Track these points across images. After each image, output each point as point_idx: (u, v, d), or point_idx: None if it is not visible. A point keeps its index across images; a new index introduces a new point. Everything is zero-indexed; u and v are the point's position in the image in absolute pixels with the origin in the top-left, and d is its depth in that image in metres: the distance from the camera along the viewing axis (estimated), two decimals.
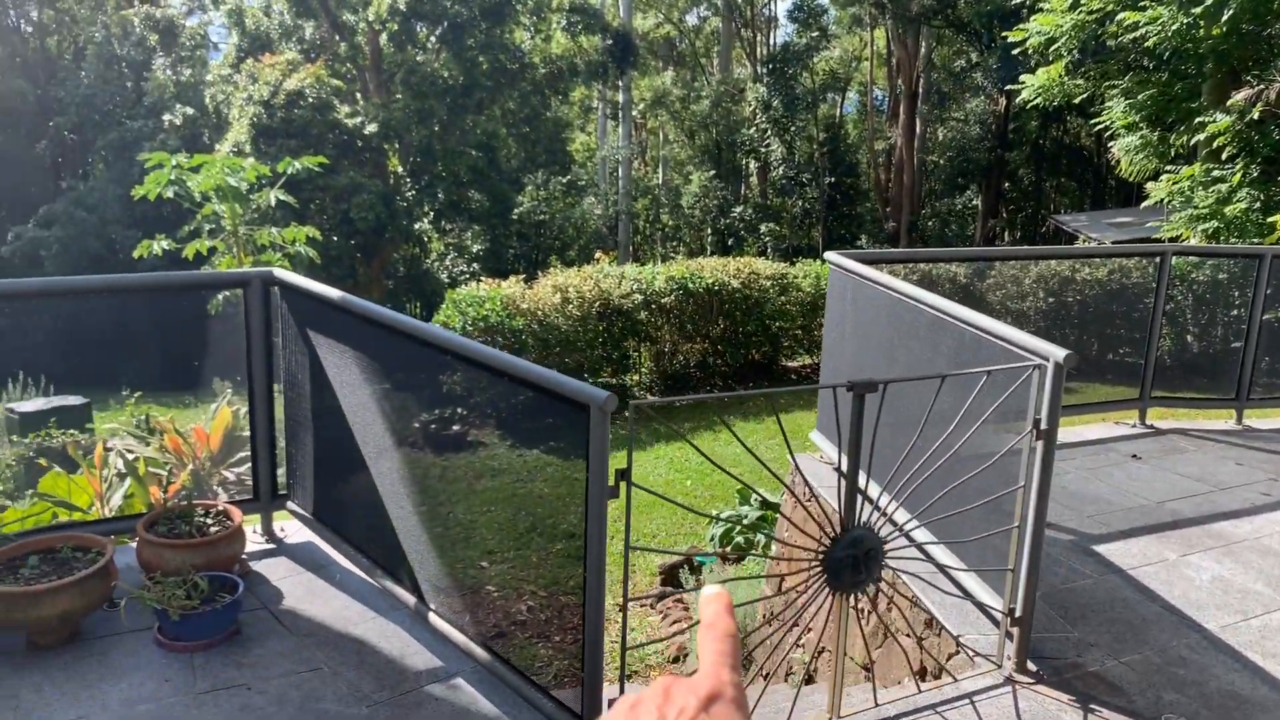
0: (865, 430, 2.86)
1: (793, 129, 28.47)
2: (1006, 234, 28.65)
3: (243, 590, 3.24)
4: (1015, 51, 16.13)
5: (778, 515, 6.72)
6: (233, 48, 23.79)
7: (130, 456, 5.16)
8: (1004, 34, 16.76)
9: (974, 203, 29.67)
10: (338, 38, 24.86)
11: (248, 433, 5.78)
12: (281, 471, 4.05)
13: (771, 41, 35.84)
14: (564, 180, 29.99)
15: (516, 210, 26.30)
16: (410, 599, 3.28)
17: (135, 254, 16.15)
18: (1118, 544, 4.20)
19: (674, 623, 7.22)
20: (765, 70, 30.13)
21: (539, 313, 12.36)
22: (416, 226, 25.70)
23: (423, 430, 3.05)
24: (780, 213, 30.00)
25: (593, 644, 2.53)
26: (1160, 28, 12.11)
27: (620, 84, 28.85)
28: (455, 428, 2.97)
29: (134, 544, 3.58)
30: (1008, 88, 18.41)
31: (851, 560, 2.75)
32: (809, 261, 16.80)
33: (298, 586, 3.58)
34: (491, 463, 2.88)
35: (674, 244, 33.45)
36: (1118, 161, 15.65)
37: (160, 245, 15.41)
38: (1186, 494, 4.78)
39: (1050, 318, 9.63)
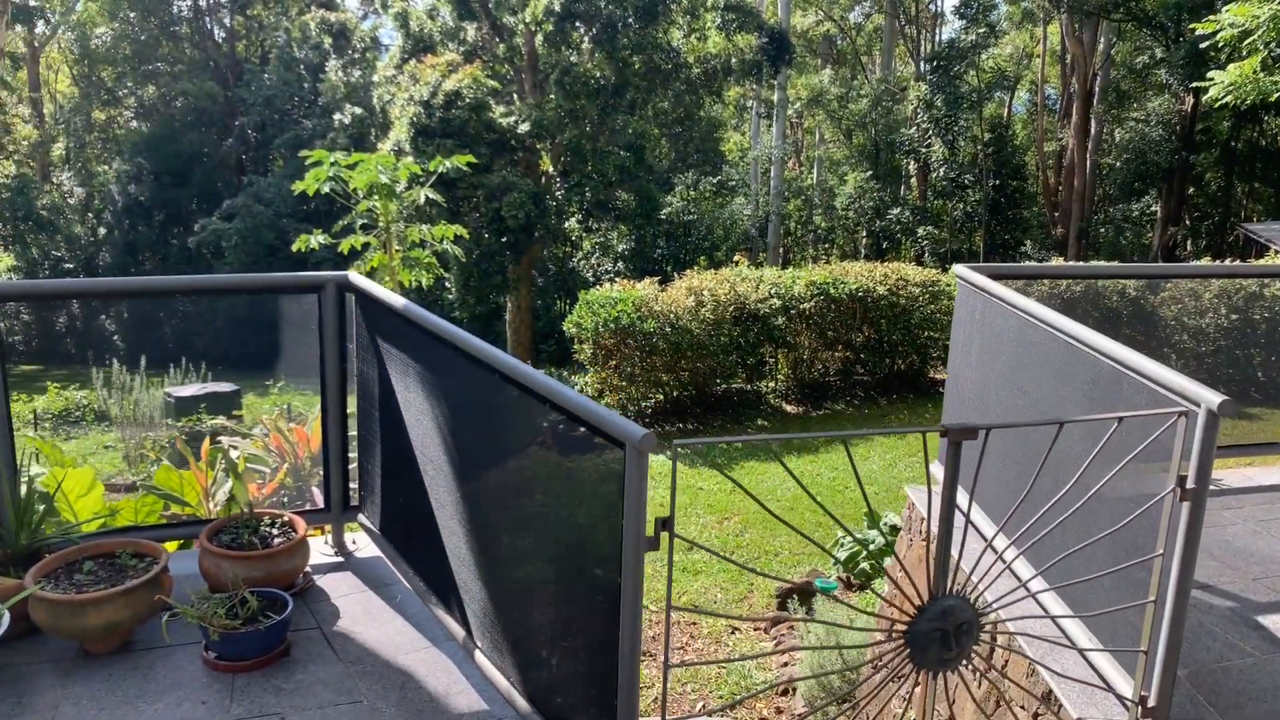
0: (967, 481, 2.45)
1: (955, 129, 27.19)
2: (1190, 243, 26.51)
3: (291, 610, 3.10)
4: (1204, 45, 14.82)
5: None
6: (397, 49, 24.61)
7: (235, 454, 5.19)
8: (1192, 27, 15.41)
9: (1152, 209, 27.62)
10: (497, 39, 25.36)
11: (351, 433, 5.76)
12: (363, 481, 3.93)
13: (936, 38, 34.48)
14: (714, 180, 29.70)
15: (665, 210, 26.16)
16: (460, 632, 3.07)
17: (294, 248, 16.87)
18: None
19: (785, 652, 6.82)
20: (928, 68, 28.95)
21: (671, 315, 12.10)
22: (566, 225, 25.97)
23: (475, 452, 2.83)
24: (940, 216, 28.74)
25: (627, 706, 2.24)
26: None
27: (775, 83, 28.29)
28: (505, 453, 2.73)
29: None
30: (1193, 85, 16.87)
31: (940, 635, 2.35)
32: None
33: (356, 606, 3.43)
34: (539, 497, 2.63)
35: (826, 246, 32.60)
36: None
37: (316, 240, 16.03)
38: None
39: (1233, 337, 8.69)
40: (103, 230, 40.00)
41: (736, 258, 14.92)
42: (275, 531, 3.49)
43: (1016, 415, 3.68)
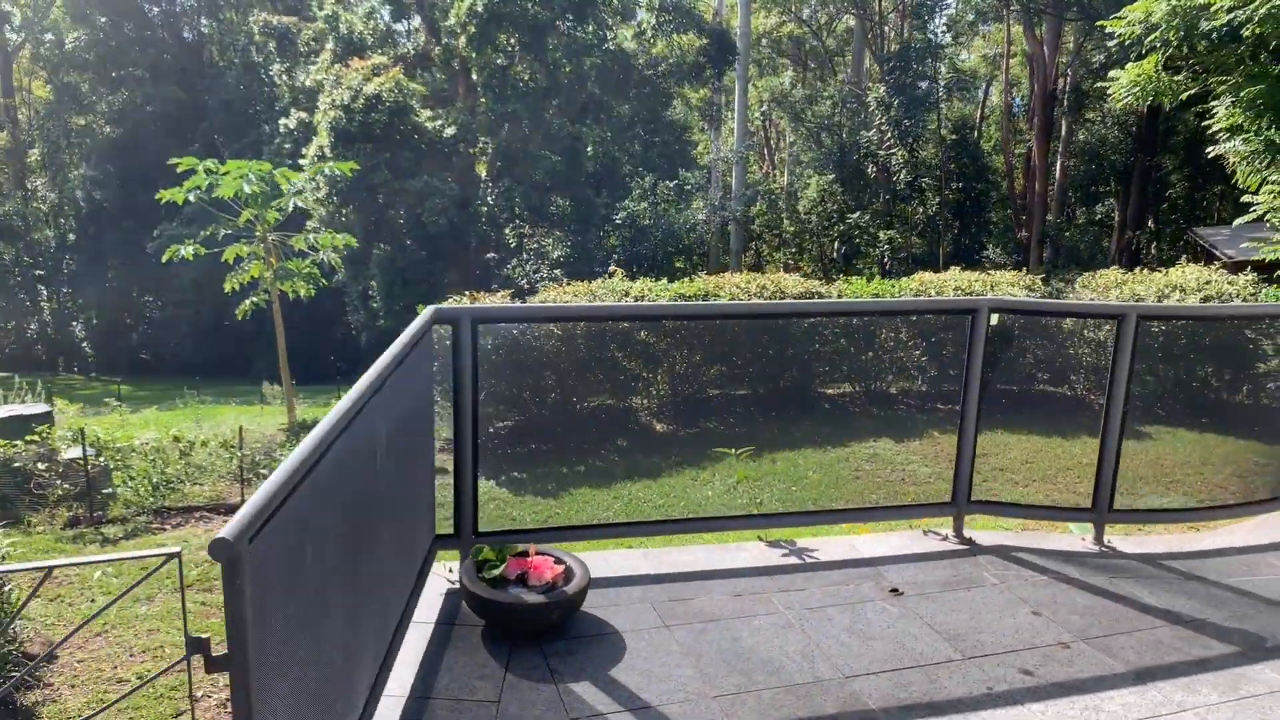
0: None
1: (914, 131, 26.33)
2: (1154, 247, 25.56)
3: None
4: (1111, 44, 14.13)
5: None
6: (328, 53, 24.15)
7: None
8: (1100, 24, 14.63)
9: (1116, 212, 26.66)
10: (434, 42, 24.84)
11: None
12: None
13: (904, 39, 33.64)
14: (671, 184, 28.97)
15: (621, 213, 25.41)
16: None
17: (164, 258, 16.37)
18: None
19: None
20: (886, 69, 28.12)
21: None
22: (507, 231, 25.36)
23: None
24: (904, 220, 27.88)
25: None
26: (1252, 10, 10.04)
27: (723, 84, 27.56)
28: None
29: None
30: (1096, 85, 16.00)
31: None
32: (855, 279, 15.19)
33: None
34: None
35: (794, 251, 31.77)
36: (1234, 168, 13.46)
37: (188, 250, 15.56)
38: (910, 664, 3.26)
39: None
40: (71, 236, 39.91)
41: (611, 268, 14.22)
42: None
43: None
